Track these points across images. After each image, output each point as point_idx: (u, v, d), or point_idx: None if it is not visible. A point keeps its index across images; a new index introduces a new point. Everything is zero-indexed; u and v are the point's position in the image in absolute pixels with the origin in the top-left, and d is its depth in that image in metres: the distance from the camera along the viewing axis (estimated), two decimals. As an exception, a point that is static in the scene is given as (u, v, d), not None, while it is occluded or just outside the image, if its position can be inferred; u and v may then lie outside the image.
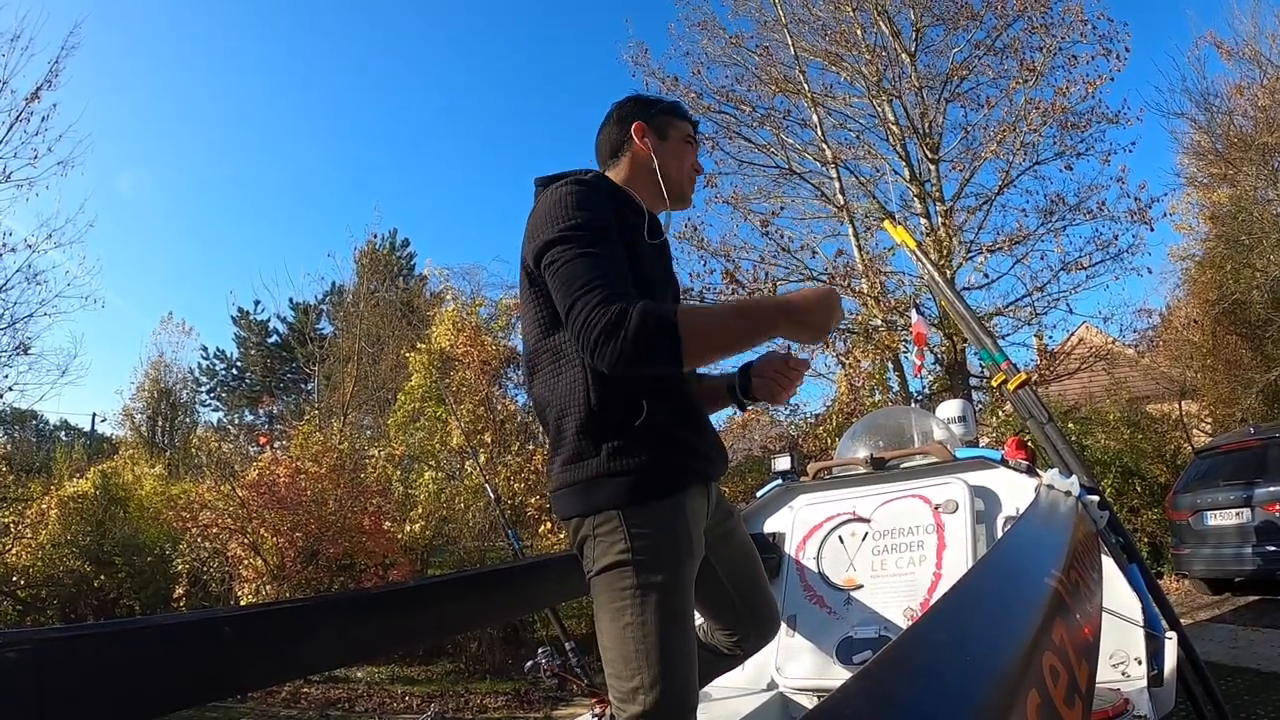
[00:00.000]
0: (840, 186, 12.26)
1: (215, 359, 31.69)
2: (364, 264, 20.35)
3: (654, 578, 1.62)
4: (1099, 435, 11.12)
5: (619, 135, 1.96)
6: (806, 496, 3.30)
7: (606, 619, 1.65)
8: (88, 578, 11.18)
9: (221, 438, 15.48)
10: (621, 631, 1.62)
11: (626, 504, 1.65)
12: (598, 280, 1.56)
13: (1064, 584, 1.13)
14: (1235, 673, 5.43)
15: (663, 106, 1.99)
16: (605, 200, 1.75)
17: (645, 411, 1.68)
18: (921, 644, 0.80)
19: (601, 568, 1.66)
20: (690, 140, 1.99)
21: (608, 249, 1.64)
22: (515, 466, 10.59)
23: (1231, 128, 14.57)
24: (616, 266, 1.62)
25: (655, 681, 1.57)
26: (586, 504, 1.69)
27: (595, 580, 1.68)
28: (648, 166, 1.93)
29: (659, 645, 1.59)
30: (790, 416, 12.63)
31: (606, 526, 1.66)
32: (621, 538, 1.64)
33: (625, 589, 1.62)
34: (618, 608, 1.63)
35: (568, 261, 1.61)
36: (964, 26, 12.04)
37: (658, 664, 1.58)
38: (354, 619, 1.88)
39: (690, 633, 1.68)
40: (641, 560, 1.62)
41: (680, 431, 1.75)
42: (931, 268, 3.52)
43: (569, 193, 1.72)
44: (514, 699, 7.60)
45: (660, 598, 1.61)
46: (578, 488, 1.70)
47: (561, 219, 1.66)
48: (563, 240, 1.63)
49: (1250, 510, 7.57)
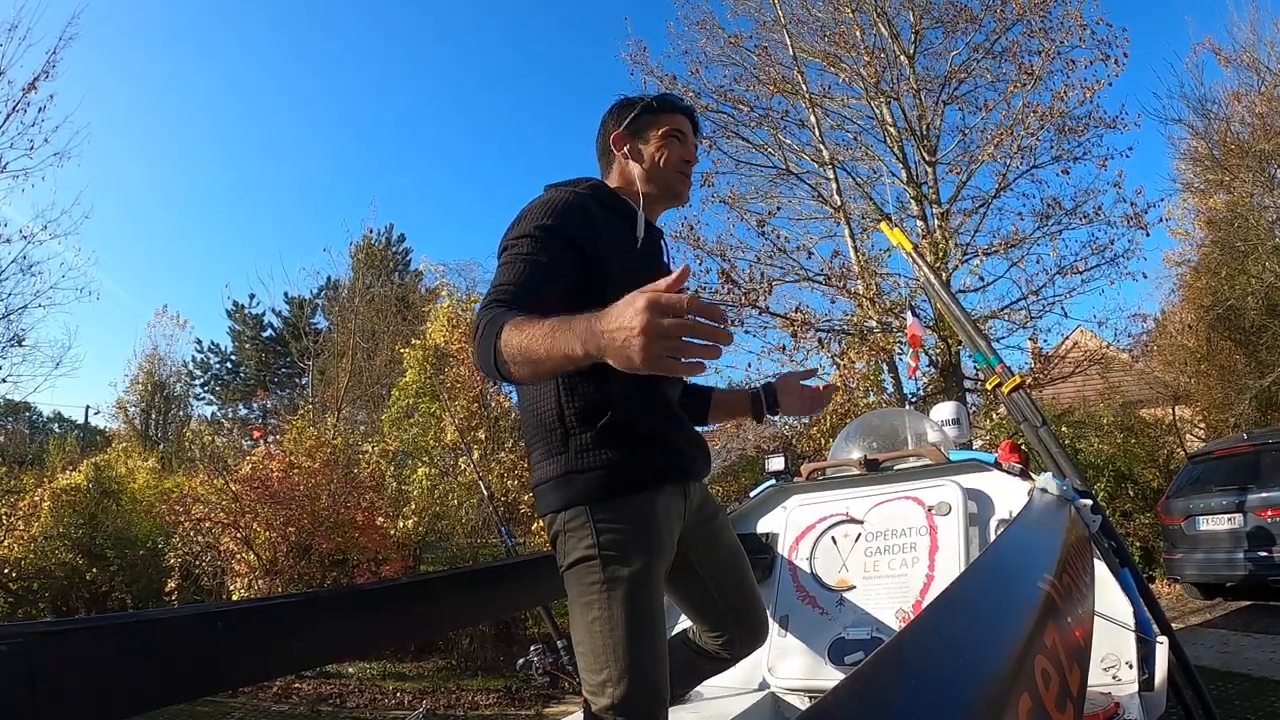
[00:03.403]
0: (837, 187, 12.25)
1: (209, 352, 31.58)
2: (359, 259, 20.35)
3: (621, 572, 1.65)
4: (1092, 439, 11.15)
5: (603, 147, 2.00)
6: (800, 497, 3.30)
7: (577, 613, 1.69)
8: (79, 571, 11.14)
9: (215, 431, 15.46)
10: (590, 625, 1.65)
11: (595, 499, 1.69)
12: (509, 285, 1.60)
13: (1056, 587, 1.13)
14: (1226, 678, 5.45)
15: (642, 107, 1.98)
16: (577, 212, 1.76)
17: (616, 408, 1.71)
18: (914, 646, 0.80)
19: (571, 562, 1.70)
20: (677, 134, 1.97)
21: (547, 258, 1.66)
22: (509, 463, 10.58)
23: (1229, 134, 14.59)
24: (542, 279, 1.63)
25: (623, 674, 1.60)
26: (558, 499, 1.72)
27: (566, 575, 1.72)
28: (630, 175, 1.95)
29: (626, 639, 1.62)
30: (784, 417, 12.62)
31: (575, 522, 1.69)
32: (589, 533, 1.67)
33: (593, 583, 1.66)
34: (586, 602, 1.67)
35: (503, 265, 1.67)
36: (963, 29, 12.04)
37: (625, 657, 1.61)
38: (346, 615, 1.88)
39: (659, 627, 1.71)
40: (609, 555, 1.66)
41: (653, 429, 1.78)
42: (927, 270, 3.52)
43: (541, 201, 1.78)
44: (505, 696, 7.59)
45: (628, 592, 1.64)
46: (551, 484, 1.74)
47: (521, 225, 1.72)
48: (511, 245, 1.69)
49: (1242, 515, 7.59)
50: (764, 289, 11.50)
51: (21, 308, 12.61)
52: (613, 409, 1.71)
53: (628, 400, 1.73)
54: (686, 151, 1.99)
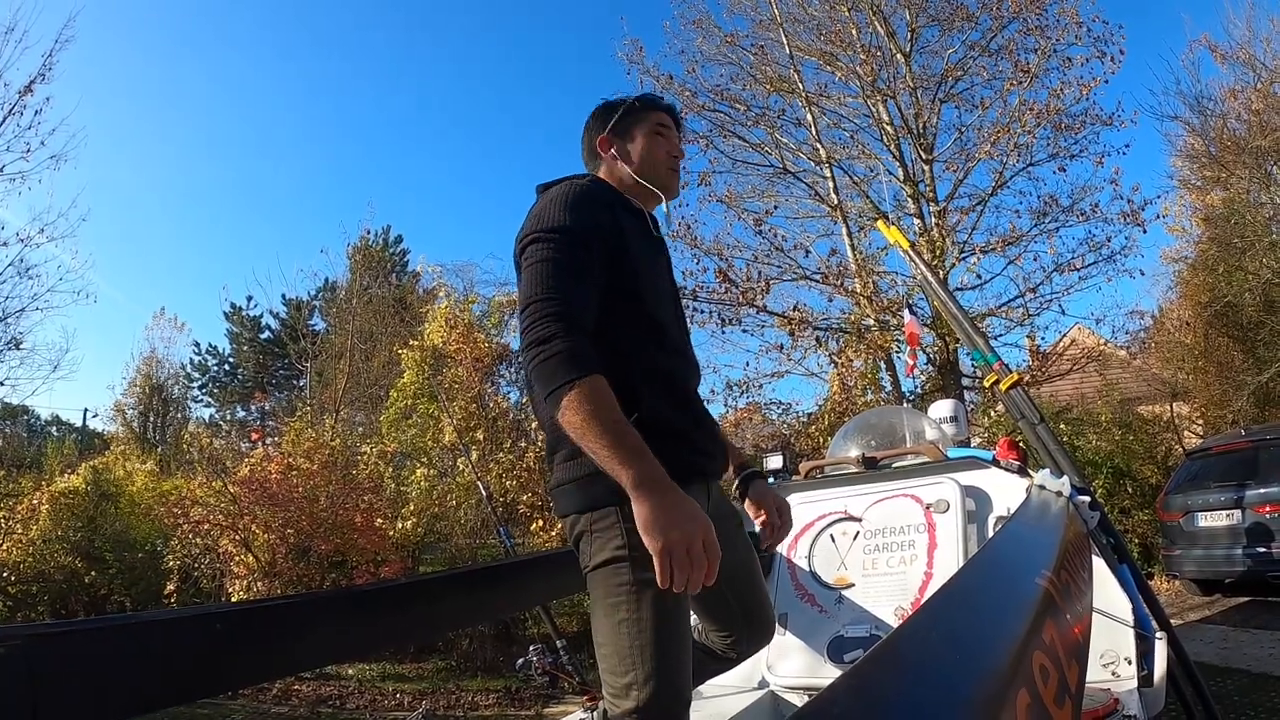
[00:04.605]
0: (834, 186, 12.26)
1: (207, 355, 31.54)
2: (357, 260, 20.30)
3: (650, 574, 1.62)
4: (1090, 436, 11.16)
5: (589, 151, 2.03)
6: (798, 495, 3.30)
7: (602, 614, 1.65)
8: (79, 574, 11.13)
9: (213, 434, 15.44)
10: (616, 627, 1.62)
11: (624, 500, 1.64)
12: (558, 288, 1.61)
13: (1055, 584, 1.13)
14: (1225, 673, 5.46)
15: (624, 109, 2.00)
16: (599, 206, 1.78)
17: (642, 407, 1.68)
18: (912, 643, 0.80)
19: (598, 563, 1.66)
20: (660, 129, 1.99)
21: (581, 259, 1.67)
22: (507, 464, 10.58)
23: (1225, 131, 14.60)
24: (581, 279, 1.66)
25: (649, 677, 1.58)
26: (584, 500, 1.69)
27: (591, 576, 1.69)
28: (620, 175, 1.97)
29: (654, 642, 1.59)
30: (783, 415, 12.64)
31: (604, 522, 1.66)
32: (619, 534, 1.63)
33: (621, 585, 1.62)
34: (613, 603, 1.63)
35: (540, 261, 1.65)
36: (959, 27, 12.05)
37: (652, 660, 1.58)
38: (345, 616, 1.87)
39: (686, 630, 1.68)
40: (638, 556, 1.60)
41: (678, 426, 1.76)
42: (924, 268, 3.52)
43: (564, 194, 1.76)
44: (505, 696, 7.60)
45: (656, 594, 1.59)
46: (576, 484, 1.70)
47: (548, 219, 1.71)
48: (543, 240, 1.67)
49: (1241, 512, 7.60)
50: (761, 288, 11.51)
51: (19, 311, 12.63)
52: (639, 407, 1.67)
53: (654, 398, 1.71)
54: (672, 145, 2.01)
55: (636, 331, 1.77)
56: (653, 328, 1.80)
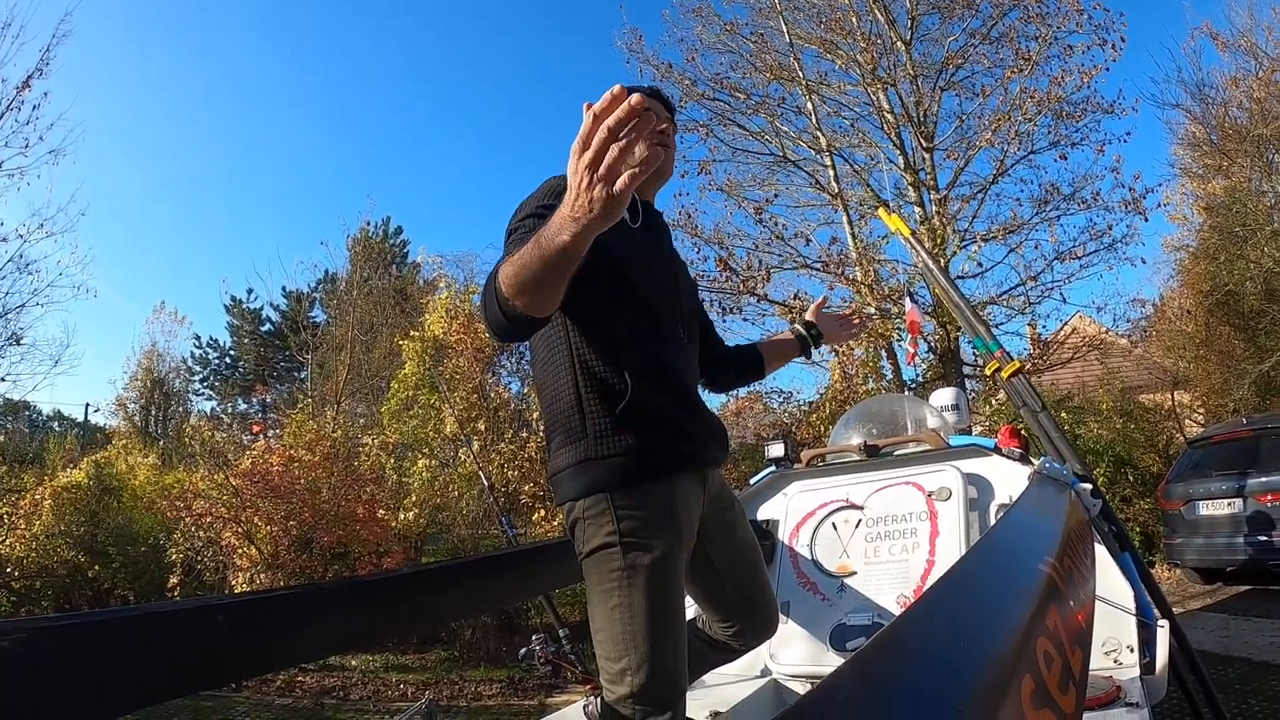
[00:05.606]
0: (834, 174, 12.24)
1: (208, 348, 31.58)
2: (357, 251, 20.26)
3: (642, 559, 1.64)
4: (1092, 424, 11.16)
5: None
6: (800, 483, 3.30)
7: (596, 600, 1.67)
8: (82, 568, 11.14)
9: (215, 426, 15.45)
10: (610, 613, 1.64)
11: (615, 486, 1.67)
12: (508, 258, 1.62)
13: (1057, 570, 1.13)
14: (1227, 661, 5.47)
15: None
16: None
17: (633, 394, 1.70)
18: (914, 630, 0.80)
19: (590, 549, 1.68)
20: None
21: None
22: (509, 454, 10.58)
23: (1226, 119, 14.57)
24: None
25: (643, 662, 1.59)
26: (577, 487, 1.71)
27: (585, 562, 1.71)
28: None
29: (647, 627, 1.60)
30: (784, 404, 12.65)
31: (595, 509, 1.68)
32: (610, 520, 1.66)
33: (613, 571, 1.64)
34: (606, 589, 1.65)
35: (510, 243, 1.68)
36: (959, 15, 12.02)
37: (645, 645, 1.60)
38: (348, 607, 1.88)
39: (680, 615, 1.70)
40: (629, 542, 1.64)
41: (671, 413, 1.77)
42: (925, 256, 3.52)
43: (543, 184, 1.79)
44: (508, 686, 7.61)
45: (648, 580, 1.62)
46: (569, 471, 1.72)
47: (524, 209, 1.74)
48: (518, 226, 1.71)
49: (1242, 500, 7.61)
50: (762, 276, 11.51)
51: (19, 306, 12.63)
52: (630, 394, 1.70)
53: (644, 385, 1.72)
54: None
55: (627, 319, 1.78)
56: (644, 316, 1.81)
